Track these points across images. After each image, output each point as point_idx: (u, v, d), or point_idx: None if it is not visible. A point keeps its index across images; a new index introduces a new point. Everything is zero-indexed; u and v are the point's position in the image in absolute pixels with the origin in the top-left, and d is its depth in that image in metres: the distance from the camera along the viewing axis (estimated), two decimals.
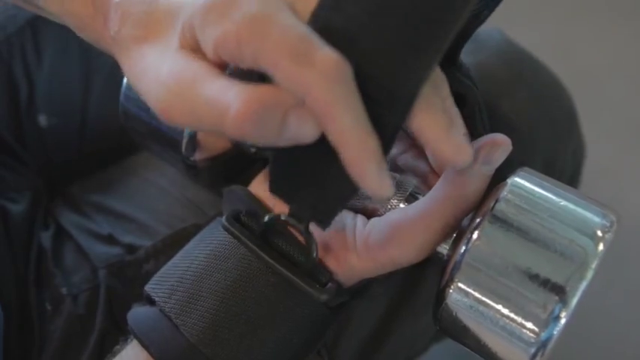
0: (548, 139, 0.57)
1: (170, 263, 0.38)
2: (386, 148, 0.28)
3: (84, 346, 0.50)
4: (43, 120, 0.59)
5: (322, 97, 0.26)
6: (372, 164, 0.27)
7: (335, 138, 0.27)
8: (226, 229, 0.36)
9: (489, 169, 0.34)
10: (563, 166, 0.59)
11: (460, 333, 0.35)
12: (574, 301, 0.31)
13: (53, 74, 0.58)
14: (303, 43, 0.26)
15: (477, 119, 0.37)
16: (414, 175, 0.39)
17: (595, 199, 0.35)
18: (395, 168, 0.39)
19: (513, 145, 0.34)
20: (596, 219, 0.33)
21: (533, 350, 0.32)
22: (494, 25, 0.62)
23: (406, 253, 0.35)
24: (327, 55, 0.26)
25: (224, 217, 0.36)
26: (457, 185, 0.34)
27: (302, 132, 0.26)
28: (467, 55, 0.55)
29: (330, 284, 0.35)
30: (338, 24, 0.28)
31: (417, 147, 0.41)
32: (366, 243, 0.36)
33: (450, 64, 0.36)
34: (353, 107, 0.26)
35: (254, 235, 0.36)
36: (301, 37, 0.26)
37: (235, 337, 0.34)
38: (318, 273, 0.36)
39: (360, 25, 0.28)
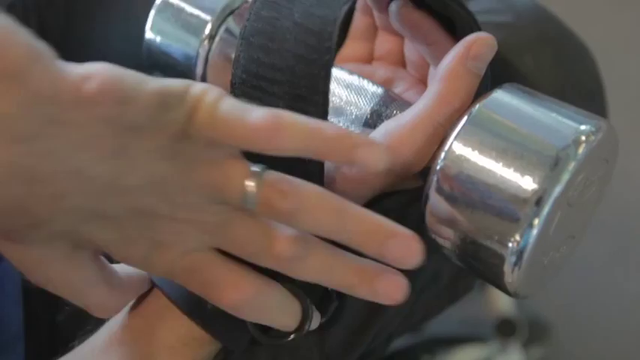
0: (572, 99, 0.57)
1: None
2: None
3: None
4: None
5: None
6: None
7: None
8: None
9: (477, 66, 0.35)
10: None
11: (445, 248, 0.35)
12: (548, 204, 0.31)
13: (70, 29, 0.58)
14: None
15: None
16: None
17: (585, 111, 0.34)
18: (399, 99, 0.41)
19: None
20: (579, 125, 0.33)
21: (513, 259, 0.32)
22: None
23: (400, 155, 0.35)
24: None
25: None
26: (447, 82, 0.35)
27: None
28: (493, 15, 0.55)
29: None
30: None
31: (420, 85, 0.42)
32: None
33: None
34: None
35: None
36: None
37: None
38: None
39: None
